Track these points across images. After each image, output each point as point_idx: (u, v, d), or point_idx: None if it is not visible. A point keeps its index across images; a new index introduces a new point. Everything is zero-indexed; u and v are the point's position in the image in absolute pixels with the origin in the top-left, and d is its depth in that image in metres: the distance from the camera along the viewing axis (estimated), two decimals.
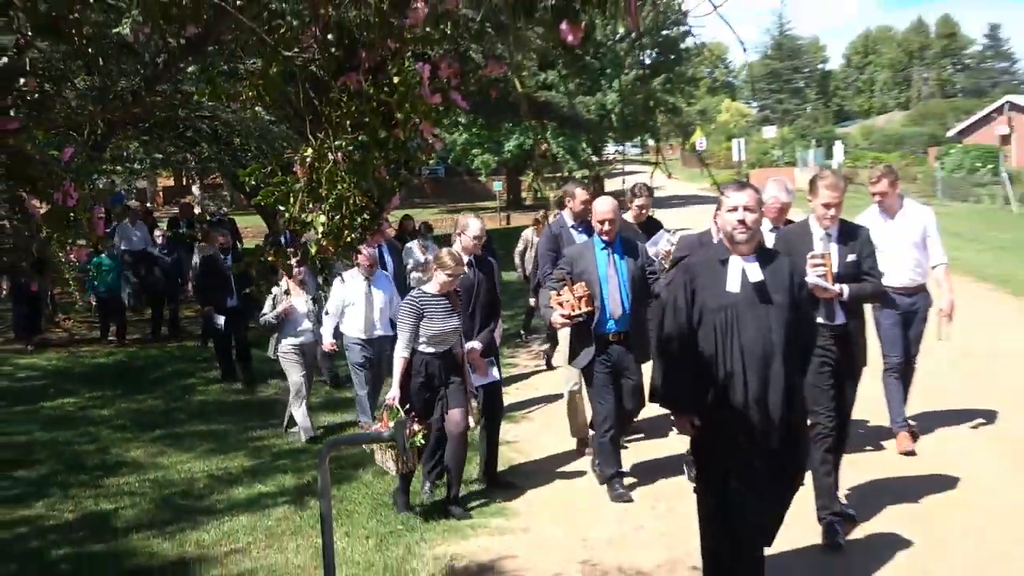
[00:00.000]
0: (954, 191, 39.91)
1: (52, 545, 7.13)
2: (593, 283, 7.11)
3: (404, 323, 7.09)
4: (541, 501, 7.52)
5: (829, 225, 6.23)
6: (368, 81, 3.01)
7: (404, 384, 7.07)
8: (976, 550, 6.02)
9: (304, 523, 7.14)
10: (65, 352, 15.38)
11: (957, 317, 8.31)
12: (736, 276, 4.79)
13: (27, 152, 3.24)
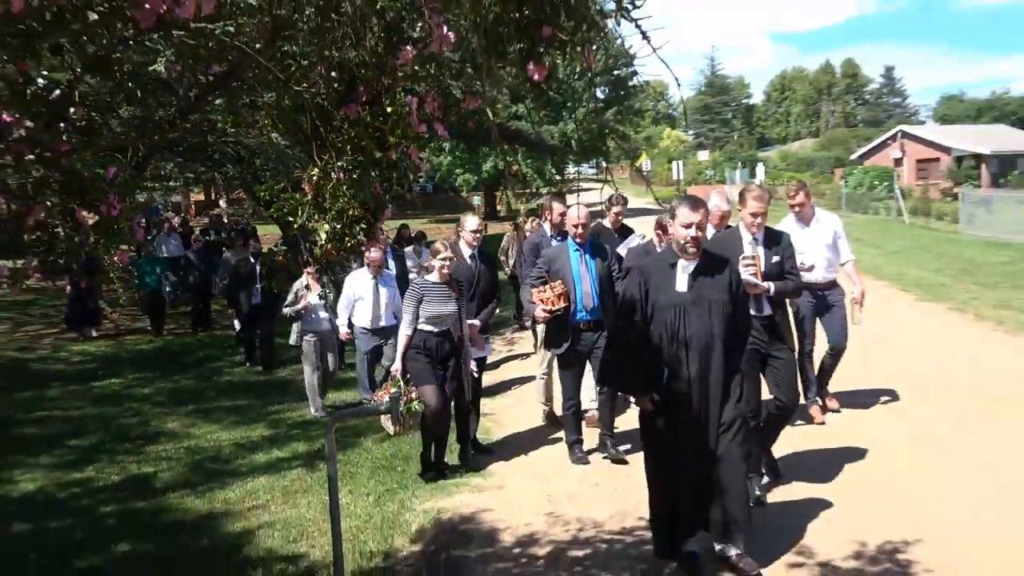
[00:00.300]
0: (856, 205, 40.19)
1: (100, 503, 7.09)
2: (568, 280, 7.11)
3: (407, 305, 7.03)
4: (513, 464, 7.51)
5: (756, 231, 6.17)
6: (365, 111, 3.00)
7: (405, 357, 7.01)
8: (880, 503, 6.05)
9: (314, 483, 7.12)
10: (112, 341, 15.26)
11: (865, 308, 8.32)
12: (684, 278, 4.83)
13: (77, 171, 3.19)
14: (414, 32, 3.05)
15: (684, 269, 4.84)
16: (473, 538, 5.97)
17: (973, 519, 5.65)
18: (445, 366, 7.11)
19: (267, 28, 3.08)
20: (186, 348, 14.73)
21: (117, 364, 13.39)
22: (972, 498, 6.09)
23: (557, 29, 2.53)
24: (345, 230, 3.18)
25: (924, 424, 7.87)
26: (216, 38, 3.01)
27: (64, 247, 3.48)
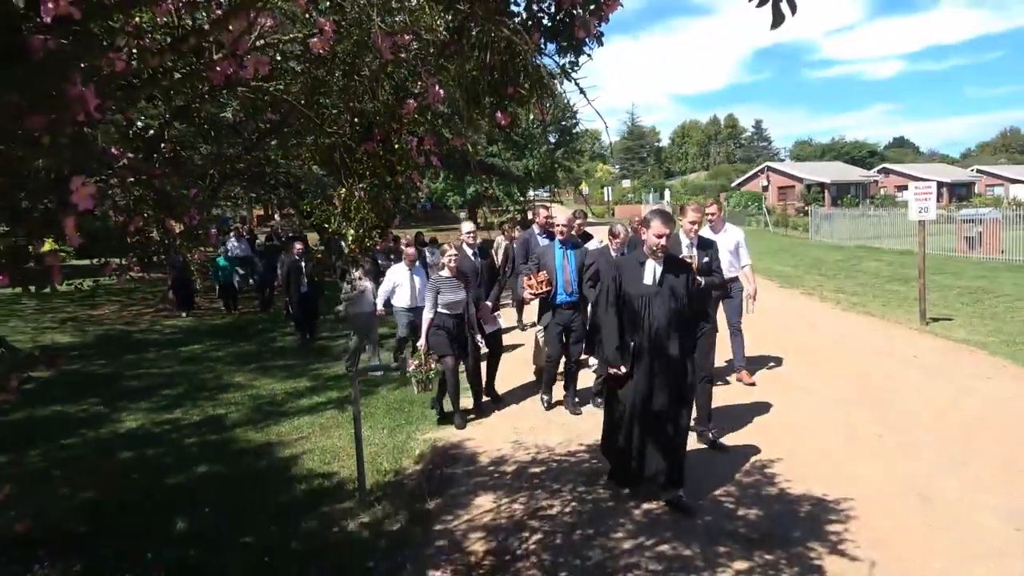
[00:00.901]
0: (735, 220, 40.38)
1: (185, 436, 6.98)
2: (551, 270, 6.98)
3: (428, 294, 6.88)
4: (489, 406, 7.47)
5: (692, 237, 5.99)
6: (379, 147, 2.96)
7: (428, 334, 6.86)
8: (795, 445, 6.11)
9: (343, 420, 7.07)
10: (195, 319, 15.02)
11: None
12: (650, 274, 4.66)
13: (167, 191, 3.13)
14: (415, 89, 3.02)
15: (651, 267, 4.68)
16: (459, 459, 5.95)
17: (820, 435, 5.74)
18: (459, 339, 6.94)
19: (307, 86, 3.03)
20: (249, 323, 14.49)
21: (198, 335, 13.19)
22: (819, 424, 6.18)
23: (518, 88, 2.53)
24: (365, 234, 3.14)
25: (786, 376, 7.96)
26: (270, 93, 2.97)
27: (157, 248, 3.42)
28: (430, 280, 7.16)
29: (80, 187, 1.52)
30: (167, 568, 4.24)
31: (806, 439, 5.93)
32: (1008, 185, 56.36)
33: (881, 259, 20.30)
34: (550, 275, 6.96)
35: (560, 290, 6.99)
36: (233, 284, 15.93)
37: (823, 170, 56.52)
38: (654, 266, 4.68)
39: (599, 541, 4.25)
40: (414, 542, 4.43)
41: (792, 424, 6.32)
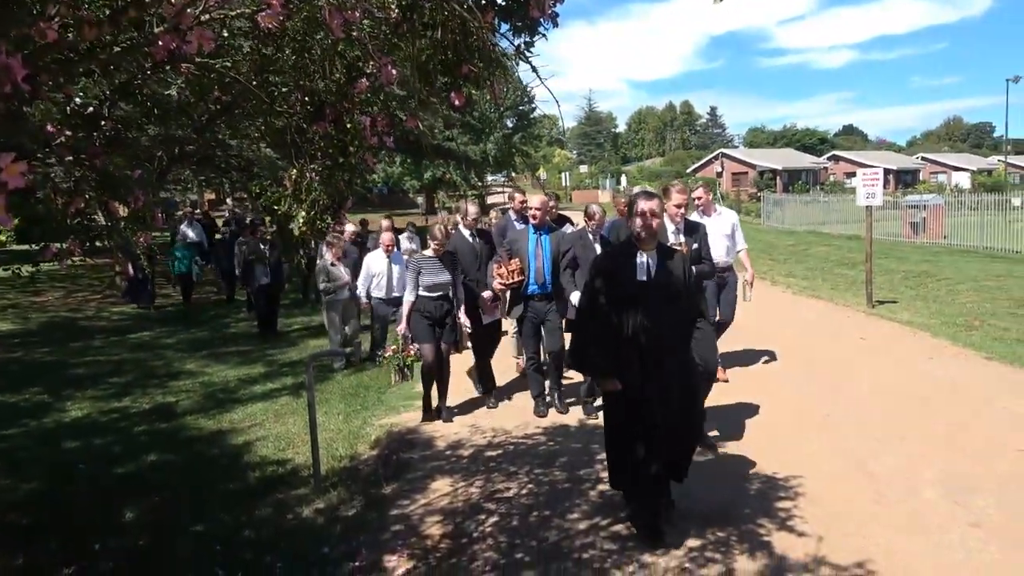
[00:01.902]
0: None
1: (134, 425, 6.81)
2: (524, 258, 6.35)
3: (409, 276, 6.44)
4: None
5: (679, 221, 5.52)
6: (331, 128, 2.90)
7: (409, 319, 6.43)
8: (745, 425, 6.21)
9: (299, 407, 6.96)
10: (146, 308, 14.58)
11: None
12: (642, 268, 3.99)
13: (109, 172, 3.02)
14: (368, 69, 2.96)
15: (642, 260, 4.01)
16: (416, 444, 5.93)
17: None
18: (443, 324, 6.43)
19: (256, 64, 2.95)
20: (202, 310, 14.22)
21: (147, 322, 12.87)
22: (770, 404, 6.31)
23: (472, 68, 2.49)
24: (317, 216, 3.08)
25: (738, 358, 8.11)
26: (217, 72, 2.88)
27: (99, 231, 3.32)
28: (411, 261, 6.70)
29: (9, 164, 1.45)
30: (115, 559, 4.14)
31: (757, 419, 6.05)
32: (951, 172, 58.22)
33: (830, 244, 20.79)
34: (523, 263, 6.38)
35: (532, 280, 6.42)
36: (191, 275, 14.93)
37: (775, 157, 57.64)
38: (646, 258, 4.03)
39: (555, 522, 4.28)
40: (370, 527, 4.40)
41: (743, 405, 6.43)
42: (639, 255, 4.04)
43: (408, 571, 3.85)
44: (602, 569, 3.73)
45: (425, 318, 6.37)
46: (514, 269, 6.33)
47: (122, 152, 3.54)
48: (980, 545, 3.83)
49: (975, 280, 12.80)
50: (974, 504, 4.29)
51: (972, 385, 6.72)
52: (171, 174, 16.59)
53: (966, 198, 22.86)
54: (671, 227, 5.52)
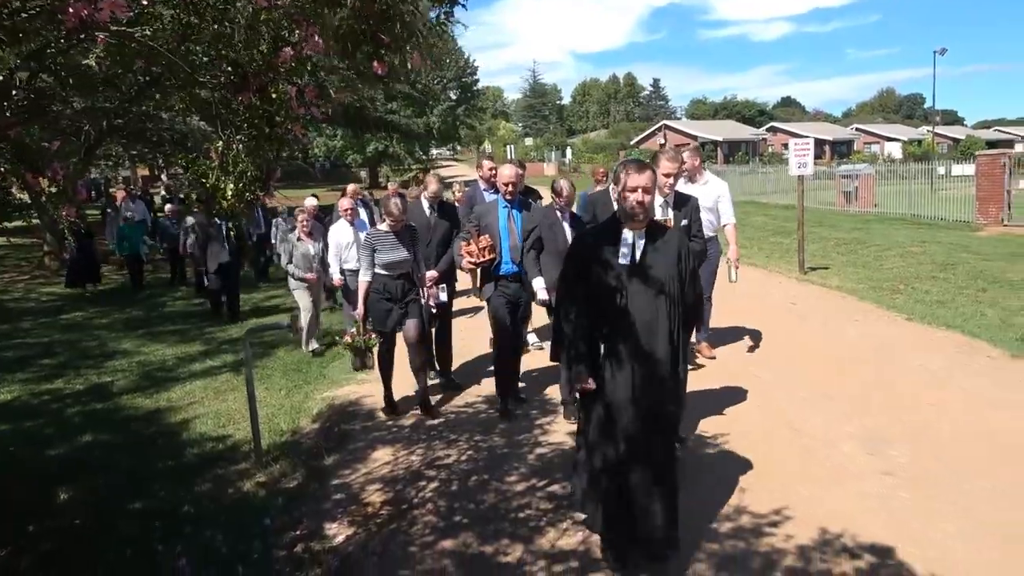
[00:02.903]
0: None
1: (67, 406, 6.68)
2: (495, 235, 5.73)
3: (362, 254, 5.84)
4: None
5: (668, 193, 4.84)
6: (256, 97, 2.88)
7: (366, 301, 5.84)
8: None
9: (239, 383, 6.89)
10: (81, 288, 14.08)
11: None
12: (627, 250, 3.37)
13: (25, 143, 2.96)
14: (293, 39, 2.95)
15: (628, 240, 3.38)
16: (357, 416, 5.96)
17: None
18: (405, 305, 5.81)
19: (177, 33, 2.91)
20: (147, 291, 13.85)
21: (80, 302, 12.47)
22: (700, 367, 6.53)
23: (391, 37, 2.52)
24: (245, 188, 3.07)
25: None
26: (137, 40, 2.83)
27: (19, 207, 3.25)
28: (365, 237, 6.17)
29: None
30: (52, 539, 4.10)
31: (689, 381, 6.25)
32: (883, 143, 60.09)
33: (767, 213, 21.33)
34: (493, 240, 5.75)
35: (506, 258, 5.77)
36: (140, 255, 13.98)
37: (717, 128, 58.57)
38: (632, 238, 3.39)
39: (493, 485, 4.40)
40: (311, 497, 4.45)
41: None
42: (624, 234, 3.39)
43: (349, 537, 3.92)
44: (537, 527, 3.87)
45: (385, 300, 5.80)
46: (485, 247, 5.74)
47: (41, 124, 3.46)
48: (891, 492, 4.09)
49: (901, 246, 13.34)
50: (888, 455, 4.57)
51: (893, 345, 7.06)
52: (101, 149, 16.01)
53: (896, 167, 23.67)
54: (658, 200, 4.79)
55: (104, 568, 3.73)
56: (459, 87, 43.00)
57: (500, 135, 77.02)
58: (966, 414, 5.19)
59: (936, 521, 3.74)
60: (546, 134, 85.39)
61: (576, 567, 3.49)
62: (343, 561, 3.69)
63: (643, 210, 3.36)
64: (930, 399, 5.52)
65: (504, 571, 3.50)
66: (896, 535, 3.61)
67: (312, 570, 3.63)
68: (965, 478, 4.19)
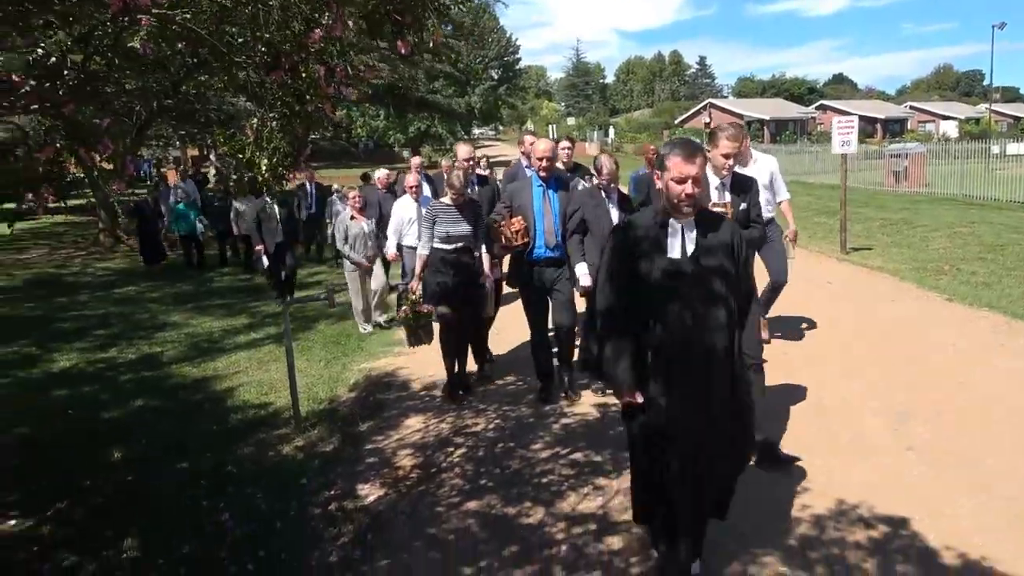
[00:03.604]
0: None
1: (120, 374, 7.02)
2: (528, 216, 5.25)
3: (423, 226, 5.62)
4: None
5: (726, 175, 4.30)
6: (288, 76, 3.03)
7: (422, 275, 5.66)
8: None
9: (280, 354, 7.08)
10: (129, 261, 14.58)
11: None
12: (677, 242, 2.94)
13: (78, 121, 3.16)
14: (323, 19, 3.08)
15: (677, 231, 2.96)
16: (392, 386, 6.17)
17: None
18: (463, 282, 5.55)
19: (215, 15, 3.07)
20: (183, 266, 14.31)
21: (132, 277, 12.96)
22: None
23: (412, 17, 2.63)
24: (279, 163, 3.24)
25: None
26: (176, 22, 3.00)
27: (74, 182, 3.46)
28: (427, 208, 5.87)
29: None
30: (105, 494, 4.38)
31: None
32: (939, 121, 58.14)
33: (812, 193, 20.93)
34: (527, 222, 5.28)
35: (540, 243, 5.28)
36: (196, 235, 13.69)
37: (764, 107, 57.38)
38: (681, 230, 2.97)
39: (519, 452, 4.56)
40: (346, 460, 4.66)
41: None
42: (671, 224, 2.97)
43: (380, 498, 4.12)
44: (559, 492, 4.01)
45: (441, 274, 5.54)
46: (518, 229, 5.25)
47: (94, 104, 3.67)
48: (912, 467, 4.13)
49: (950, 227, 13.02)
50: (912, 431, 4.58)
51: (928, 324, 6.99)
52: (152, 129, 16.50)
53: (949, 147, 23.00)
54: (714, 182, 4.31)
55: (152, 520, 3.99)
56: (501, 66, 42.98)
57: (543, 114, 76.75)
58: (995, 394, 5.15)
59: (954, 496, 3.77)
60: (588, 113, 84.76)
61: (594, 529, 3.63)
62: (374, 519, 3.88)
63: (691, 203, 2.90)
64: (960, 378, 5.48)
65: (526, 531, 3.65)
66: (913, 508, 3.65)
67: (345, 527, 3.83)
68: (987, 456, 4.20)
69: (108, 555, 3.69)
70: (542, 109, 77.06)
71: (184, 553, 3.65)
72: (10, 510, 4.21)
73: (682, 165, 2.87)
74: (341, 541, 3.70)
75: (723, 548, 3.37)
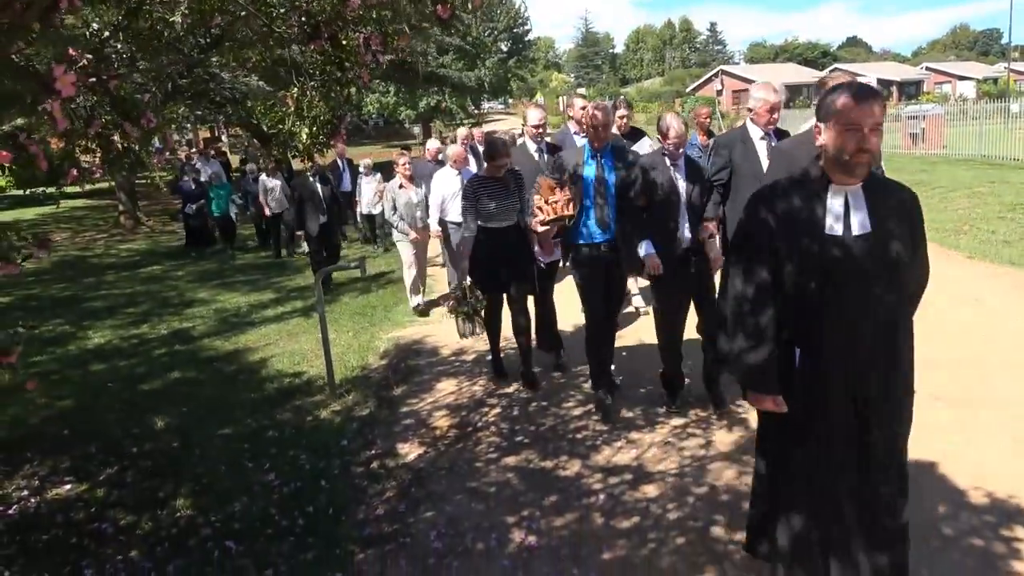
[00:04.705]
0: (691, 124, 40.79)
1: (154, 348, 7.20)
2: (579, 192, 4.42)
3: (465, 205, 5.08)
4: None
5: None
6: (327, 44, 3.12)
7: (471, 258, 5.17)
8: None
9: (310, 326, 7.33)
10: (151, 241, 14.82)
11: None
12: (839, 214, 2.29)
13: (122, 96, 3.27)
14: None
15: (838, 200, 2.31)
16: (422, 352, 6.31)
17: None
18: (511, 264, 5.06)
19: None
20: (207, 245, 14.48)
21: (155, 256, 13.19)
22: None
23: None
24: (319, 130, 3.34)
25: None
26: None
27: (121, 156, 3.58)
28: (467, 184, 5.30)
29: (62, 75, 1.72)
30: (152, 459, 4.56)
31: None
32: (956, 82, 57.24)
33: None
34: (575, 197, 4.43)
35: (591, 223, 4.46)
36: (231, 216, 13.42)
37: (776, 72, 56.65)
38: (843, 198, 2.31)
39: (552, 411, 4.70)
40: (383, 422, 4.82)
41: None
42: (830, 192, 2.32)
43: (419, 455, 4.27)
44: (594, 446, 4.15)
45: (490, 256, 5.06)
46: (561, 200, 4.39)
47: (132, 78, 3.78)
48: (936, 412, 4.22)
49: (968, 187, 12.96)
50: (933, 380, 4.66)
51: (949, 280, 7.03)
52: (166, 110, 16.64)
53: (967, 107, 22.72)
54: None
55: (200, 482, 4.16)
56: (510, 38, 42.69)
57: (553, 86, 76.21)
58: (1017, 347, 5.23)
59: (979, 439, 3.88)
60: (599, 84, 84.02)
61: (630, 479, 3.76)
62: (415, 475, 4.03)
63: (869, 161, 2.25)
64: (981, 331, 5.55)
65: (563, 482, 3.79)
66: (938, 453, 3.76)
67: (387, 483, 3.99)
68: (1010, 404, 4.29)
69: (162, 514, 3.86)
70: (552, 81, 76.50)
71: (235, 511, 3.81)
72: (64, 476, 4.40)
73: (856, 109, 2.20)
74: (386, 496, 3.86)
75: None
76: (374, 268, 10.16)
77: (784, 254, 2.34)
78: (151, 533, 3.65)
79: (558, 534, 3.32)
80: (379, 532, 3.48)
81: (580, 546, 3.21)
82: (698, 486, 3.65)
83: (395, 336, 6.88)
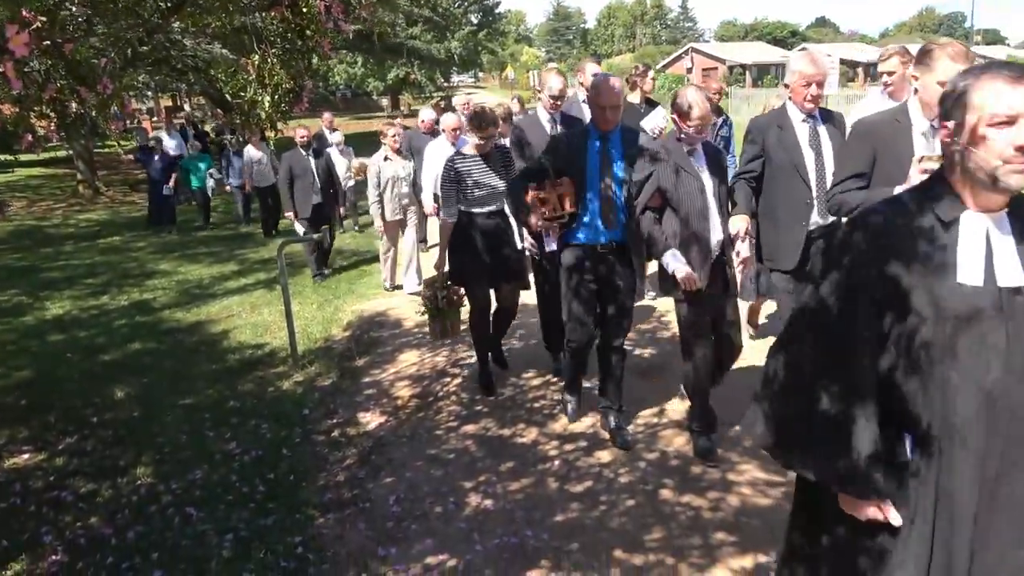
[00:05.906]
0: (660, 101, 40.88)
1: (114, 319, 7.14)
2: (580, 181, 3.68)
3: (444, 189, 4.42)
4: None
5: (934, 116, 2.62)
6: (288, 11, 3.12)
7: (452, 247, 4.50)
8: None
9: (273, 298, 7.31)
10: (110, 211, 14.55)
11: None
12: (974, 254, 1.53)
13: (78, 60, 3.24)
14: None
15: (977, 234, 1.55)
16: (385, 324, 6.36)
17: None
18: (499, 252, 4.45)
19: None
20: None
21: (116, 227, 12.95)
22: None
23: None
24: (281, 99, 3.34)
25: None
26: None
27: (76, 121, 3.55)
28: (445, 164, 4.47)
29: (15, 35, 1.72)
30: (113, 428, 4.57)
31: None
32: None
33: None
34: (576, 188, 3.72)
35: (595, 219, 3.72)
36: (206, 190, 12.67)
37: (745, 51, 57.02)
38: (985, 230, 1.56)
39: (511, 380, 4.80)
40: (345, 392, 4.87)
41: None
42: (966, 220, 1.58)
43: (381, 424, 4.34)
44: (551, 415, 4.26)
45: (474, 243, 4.43)
46: (564, 194, 3.72)
47: (88, 42, 3.73)
48: None
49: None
50: None
51: None
52: (125, 76, 16.25)
53: None
54: (921, 124, 2.89)
55: (161, 451, 4.19)
56: (480, 11, 42.22)
57: (523, 61, 75.70)
58: None
59: None
60: (569, 59, 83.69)
61: (585, 446, 3.88)
62: (376, 443, 4.11)
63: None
64: None
65: (520, 449, 3.90)
66: None
67: (348, 451, 4.06)
68: None
69: (122, 482, 3.89)
70: (523, 55, 75.98)
71: (196, 478, 3.85)
72: (22, 445, 4.39)
73: (1011, 94, 1.48)
74: (346, 463, 3.93)
75: None
76: (342, 244, 10.06)
77: (898, 310, 1.58)
78: (111, 500, 3.67)
79: (513, 498, 3.43)
80: (339, 497, 3.56)
81: (534, 509, 3.32)
82: (650, 452, 3.78)
83: (359, 308, 6.91)
